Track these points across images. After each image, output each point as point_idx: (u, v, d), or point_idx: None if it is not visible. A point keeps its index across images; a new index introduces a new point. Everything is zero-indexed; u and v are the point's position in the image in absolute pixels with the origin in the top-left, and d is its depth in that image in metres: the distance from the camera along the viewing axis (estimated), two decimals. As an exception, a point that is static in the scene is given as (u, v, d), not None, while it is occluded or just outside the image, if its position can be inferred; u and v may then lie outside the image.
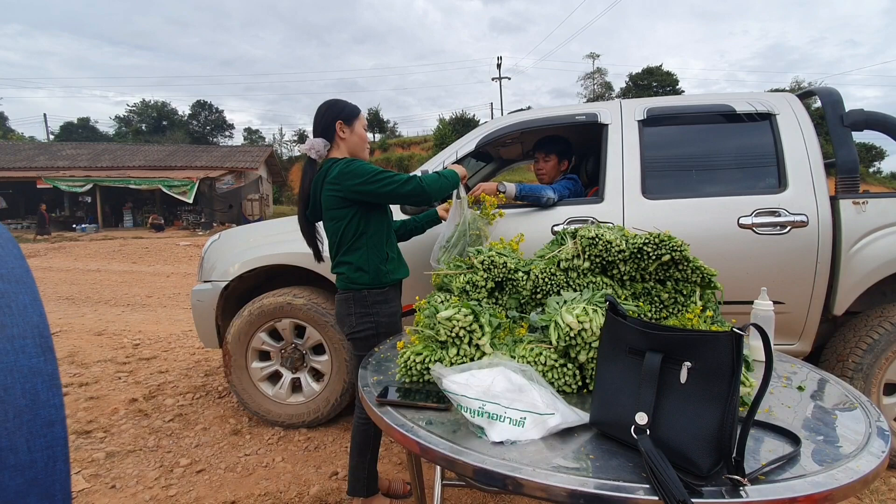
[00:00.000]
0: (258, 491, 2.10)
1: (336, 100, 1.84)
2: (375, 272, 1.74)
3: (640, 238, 1.46)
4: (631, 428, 0.84)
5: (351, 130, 1.80)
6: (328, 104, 1.82)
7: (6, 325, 0.45)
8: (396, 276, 1.81)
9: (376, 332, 1.74)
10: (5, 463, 0.42)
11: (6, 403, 0.43)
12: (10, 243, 0.51)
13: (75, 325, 5.04)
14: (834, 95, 2.30)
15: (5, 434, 0.42)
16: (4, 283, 0.46)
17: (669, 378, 0.83)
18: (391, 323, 1.77)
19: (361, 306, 1.74)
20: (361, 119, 1.83)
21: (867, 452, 0.87)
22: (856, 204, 2.14)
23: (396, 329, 1.81)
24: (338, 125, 1.78)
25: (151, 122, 45.82)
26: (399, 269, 1.84)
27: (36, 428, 0.44)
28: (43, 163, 21.65)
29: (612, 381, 0.92)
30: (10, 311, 0.45)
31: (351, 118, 1.80)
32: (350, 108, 1.81)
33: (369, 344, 1.72)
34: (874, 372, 2.12)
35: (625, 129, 2.38)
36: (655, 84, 39.01)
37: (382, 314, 1.75)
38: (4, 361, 0.44)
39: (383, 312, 1.75)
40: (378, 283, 1.75)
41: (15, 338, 0.45)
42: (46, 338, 0.47)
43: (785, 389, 1.20)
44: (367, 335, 1.74)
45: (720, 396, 0.78)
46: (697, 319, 1.35)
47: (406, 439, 0.95)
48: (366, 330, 1.74)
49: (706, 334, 0.81)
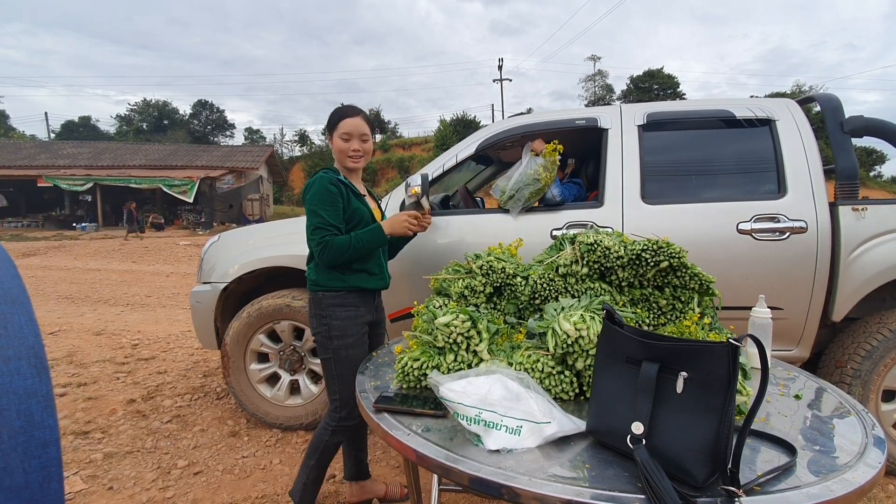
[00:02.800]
0: (256, 493, 2.10)
1: (337, 107, 1.83)
2: (331, 275, 1.70)
3: (639, 244, 1.47)
4: (627, 437, 0.84)
5: (331, 140, 1.80)
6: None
7: (2, 346, 0.45)
8: (358, 284, 1.73)
9: (328, 335, 1.69)
10: (1, 485, 0.42)
11: (1, 425, 0.43)
12: (6, 262, 0.51)
13: (74, 325, 5.04)
14: (833, 102, 2.30)
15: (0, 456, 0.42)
16: (0, 304, 0.46)
17: (666, 388, 0.84)
18: (345, 326, 1.70)
19: (318, 308, 1.71)
20: (340, 128, 1.76)
21: (863, 463, 0.87)
22: (855, 210, 2.14)
23: (355, 335, 1.72)
24: (326, 134, 1.82)
25: (152, 121, 45.83)
26: (368, 279, 1.76)
27: (31, 449, 0.44)
28: (44, 161, 21.65)
29: (609, 390, 0.93)
30: (5, 333, 0.45)
31: (331, 127, 1.78)
32: (331, 118, 1.79)
33: (326, 347, 1.70)
34: (872, 378, 2.12)
35: (625, 134, 2.38)
36: (656, 87, 39.01)
37: (336, 317, 1.69)
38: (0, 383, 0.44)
39: (337, 315, 1.69)
40: (333, 286, 1.70)
41: (10, 359, 0.45)
42: (42, 359, 0.47)
43: (782, 398, 1.20)
44: (321, 339, 1.71)
45: (716, 407, 0.78)
46: (695, 326, 1.35)
47: (402, 446, 0.95)
48: (320, 332, 1.71)
49: (703, 345, 0.81)
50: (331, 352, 1.70)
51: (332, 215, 1.65)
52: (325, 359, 1.72)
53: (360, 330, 1.75)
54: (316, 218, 1.64)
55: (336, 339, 1.69)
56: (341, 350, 1.69)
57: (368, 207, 1.78)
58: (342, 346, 1.69)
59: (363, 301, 1.77)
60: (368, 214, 1.76)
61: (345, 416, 1.73)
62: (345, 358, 1.69)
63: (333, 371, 1.71)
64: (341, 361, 1.70)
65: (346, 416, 1.73)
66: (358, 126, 1.75)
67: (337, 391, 1.72)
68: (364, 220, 1.73)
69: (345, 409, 1.73)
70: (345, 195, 1.70)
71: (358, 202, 1.74)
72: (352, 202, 1.71)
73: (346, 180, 1.74)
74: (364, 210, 1.75)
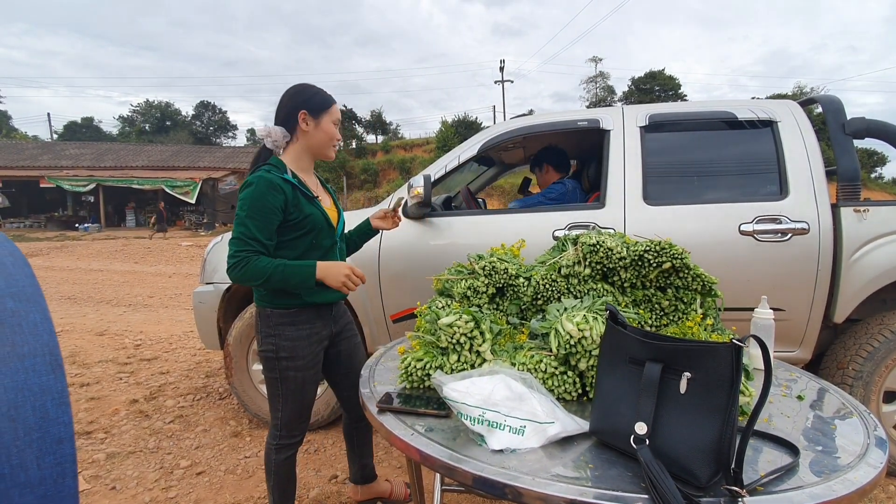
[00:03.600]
0: (258, 493, 2.11)
1: (306, 85, 1.57)
2: (274, 292, 1.50)
3: (641, 245, 1.47)
4: (630, 437, 0.85)
5: (316, 124, 1.53)
6: (296, 89, 1.55)
7: (17, 343, 0.45)
8: (312, 300, 1.54)
9: (276, 356, 1.52)
10: (16, 480, 0.43)
11: (16, 421, 0.44)
12: (21, 261, 0.51)
13: (77, 325, 5.05)
14: (835, 103, 2.30)
15: (16, 452, 0.43)
16: (16, 302, 0.47)
17: (669, 388, 0.84)
18: (295, 347, 1.52)
19: (265, 325, 1.52)
20: (333, 113, 1.55)
21: (865, 463, 0.87)
22: (857, 212, 2.14)
23: (306, 356, 1.55)
24: (301, 115, 1.51)
25: (155, 122, 45.94)
26: (325, 293, 1.55)
27: (46, 445, 0.45)
28: (46, 162, 21.73)
29: (612, 390, 0.93)
30: (21, 330, 0.46)
31: (318, 109, 1.52)
32: (320, 98, 1.54)
33: (273, 367, 1.53)
34: (874, 380, 2.12)
35: (626, 136, 2.39)
36: (658, 88, 38.96)
37: (285, 336, 1.51)
38: (15, 380, 0.44)
39: (286, 335, 1.51)
40: (283, 304, 1.51)
41: (26, 356, 0.45)
42: (56, 356, 0.48)
43: (784, 399, 1.20)
44: (267, 356, 1.53)
45: (719, 407, 0.78)
46: (698, 328, 1.36)
47: (406, 446, 0.96)
48: (266, 351, 1.53)
49: (706, 345, 0.81)
50: (277, 372, 1.54)
51: (261, 228, 1.40)
52: (271, 378, 1.56)
53: (312, 349, 1.57)
54: (241, 227, 1.40)
55: (284, 360, 1.52)
56: (289, 371, 1.54)
57: (321, 210, 1.55)
58: (290, 367, 1.53)
59: (319, 316, 1.58)
60: (322, 219, 1.53)
61: (285, 434, 1.60)
62: (292, 379, 1.54)
63: (278, 391, 1.56)
64: (287, 382, 1.55)
65: (286, 434, 1.60)
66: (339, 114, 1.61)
67: (279, 410, 1.58)
68: (317, 227, 1.51)
69: (285, 428, 1.60)
70: (292, 200, 1.45)
71: (311, 206, 1.50)
72: (302, 207, 1.48)
73: (295, 180, 1.49)
74: (317, 215, 1.52)
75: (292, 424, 1.61)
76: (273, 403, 1.59)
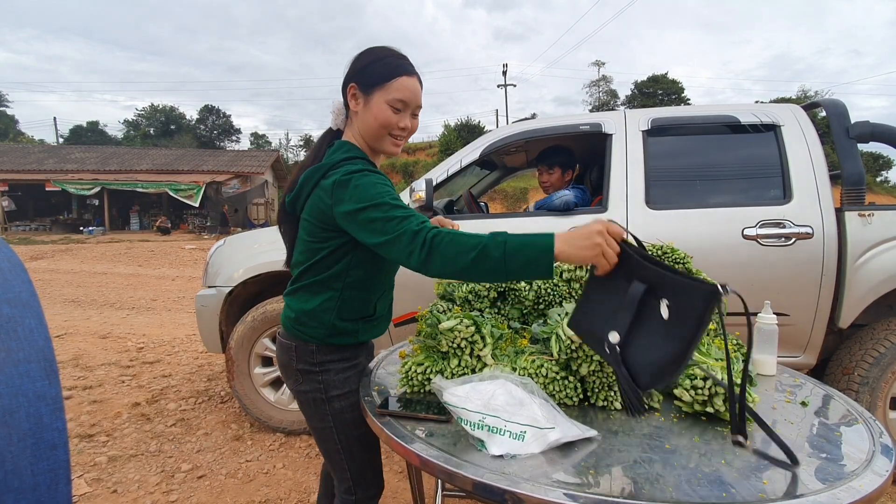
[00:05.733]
0: (259, 497, 2.10)
1: (376, 49, 1.17)
2: (333, 328, 1.17)
3: (643, 250, 1.46)
4: (603, 342, 0.94)
5: (366, 101, 1.14)
6: (362, 53, 1.18)
7: (12, 349, 0.46)
8: (363, 339, 1.24)
9: (325, 396, 1.19)
10: (9, 486, 0.43)
11: (10, 427, 0.44)
12: (17, 267, 0.52)
13: (80, 328, 5.07)
14: (839, 107, 2.29)
15: (10, 458, 0.43)
16: (11, 308, 0.47)
17: (646, 309, 0.91)
18: (348, 380, 1.21)
19: (303, 360, 1.19)
20: (392, 89, 1.12)
21: (870, 471, 0.86)
22: (861, 216, 2.13)
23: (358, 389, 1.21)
24: (350, 89, 1.16)
25: (159, 126, 46.25)
26: (375, 328, 1.27)
27: (40, 451, 0.45)
28: (52, 165, 21.88)
29: (600, 295, 1.00)
30: (16, 336, 0.46)
31: (371, 83, 1.12)
32: (376, 68, 1.13)
33: (322, 413, 1.19)
34: (880, 385, 2.10)
35: (629, 140, 2.39)
36: (661, 92, 38.99)
37: (335, 370, 1.20)
38: (10, 386, 0.44)
39: (336, 369, 1.20)
40: (335, 342, 1.19)
41: (20, 362, 0.45)
42: (51, 361, 0.48)
43: (788, 405, 1.19)
44: (314, 399, 1.19)
45: (683, 338, 0.85)
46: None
47: (406, 451, 0.95)
48: (311, 391, 1.19)
49: (690, 282, 0.86)
50: (329, 418, 1.19)
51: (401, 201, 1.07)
52: (322, 429, 1.21)
53: (359, 383, 1.24)
54: (383, 207, 1.02)
55: (336, 399, 1.19)
56: (345, 413, 1.19)
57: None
58: (346, 407, 1.19)
59: (365, 350, 1.32)
60: None
61: (361, 494, 1.25)
62: (350, 422, 1.20)
63: (336, 444, 1.21)
64: (345, 427, 1.20)
65: (363, 494, 1.25)
66: (417, 93, 1.16)
67: (346, 468, 1.23)
68: None
69: (359, 487, 1.24)
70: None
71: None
72: None
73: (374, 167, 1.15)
74: None
75: (366, 478, 1.26)
76: (334, 461, 1.24)
